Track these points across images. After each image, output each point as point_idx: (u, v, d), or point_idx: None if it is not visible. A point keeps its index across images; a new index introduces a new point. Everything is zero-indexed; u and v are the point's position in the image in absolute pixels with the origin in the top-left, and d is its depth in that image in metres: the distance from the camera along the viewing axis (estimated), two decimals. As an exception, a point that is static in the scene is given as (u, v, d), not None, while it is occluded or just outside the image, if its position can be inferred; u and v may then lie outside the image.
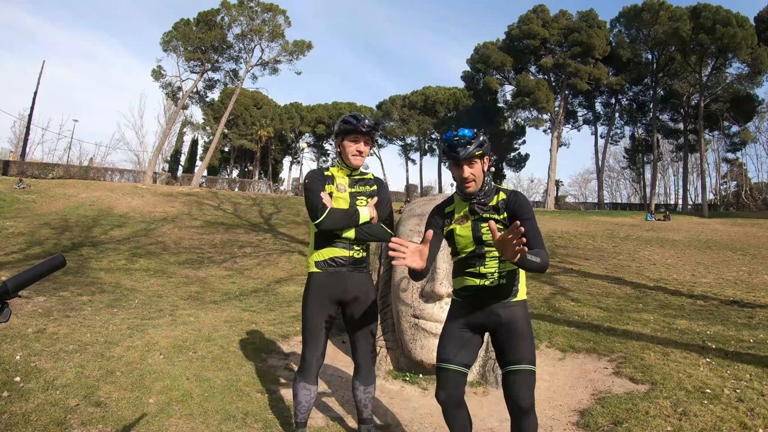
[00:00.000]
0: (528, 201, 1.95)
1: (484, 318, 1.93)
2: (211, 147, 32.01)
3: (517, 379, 1.81)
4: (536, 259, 1.74)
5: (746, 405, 2.78)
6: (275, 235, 14.72)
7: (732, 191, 39.95)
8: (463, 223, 1.95)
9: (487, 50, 37.31)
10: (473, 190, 1.91)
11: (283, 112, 44.91)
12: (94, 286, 6.57)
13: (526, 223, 1.82)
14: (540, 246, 1.82)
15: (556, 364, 3.93)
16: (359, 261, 2.32)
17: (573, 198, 51.47)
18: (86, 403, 2.47)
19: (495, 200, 1.93)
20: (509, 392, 1.83)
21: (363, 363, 2.36)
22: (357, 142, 2.29)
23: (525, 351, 1.84)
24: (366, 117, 2.30)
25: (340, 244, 2.27)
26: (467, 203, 1.96)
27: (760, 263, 11.85)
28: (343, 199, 2.30)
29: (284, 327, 4.65)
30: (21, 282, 1.06)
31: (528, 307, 1.98)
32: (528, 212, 1.89)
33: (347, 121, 2.28)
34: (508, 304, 1.90)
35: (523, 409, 1.79)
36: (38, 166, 29.04)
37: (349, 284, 2.28)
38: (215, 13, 30.50)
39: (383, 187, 2.45)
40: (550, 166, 36.96)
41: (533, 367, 1.84)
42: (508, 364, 1.85)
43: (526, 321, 1.90)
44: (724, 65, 31.58)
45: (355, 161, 2.31)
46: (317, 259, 2.29)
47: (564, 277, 9.10)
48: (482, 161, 1.92)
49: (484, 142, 1.91)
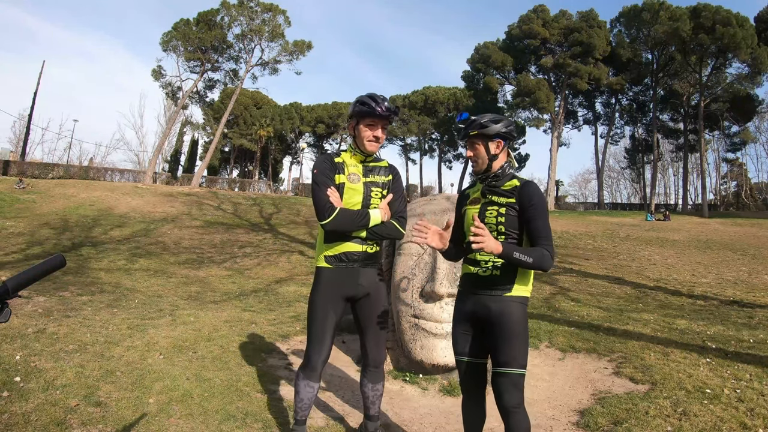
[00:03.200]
0: (539, 192, 1.87)
1: (473, 307, 1.90)
2: (211, 147, 32.01)
3: (505, 382, 1.79)
4: (526, 259, 1.70)
5: (746, 405, 2.78)
6: (275, 235, 14.72)
7: (732, 191, 39.94)
8: (475, 205, 1.97)
9: (487, 50, 37.31)
10: (476, 169, 1.97)
11: (283, 112, 44.90)
12: (94, 286, 6.57)
13: (531, 216, 1.82)
14: (544, 243, 1.78)
15: (556, 364, 3.93)
16: (372, 256, 2.18)
17: (573, 198, 51.53)
18: (86, 403, 2.47)
19: (509, 185, 1.91)
20: (496, 394, 1.81)
21: (372, 362, 2.27)
22: (374, 127, 2.11)
23: (515, 353, 1.79)
24: (385, 99, 2.10)
25: (354, 238, 2.11)
26: (481, 185, 1.98)
27: (760, 263, 11.85)
28: (356, 190, 2.13)
29: (284, 327, 4.65)
30: (21, 282, 1.06)
31: (528, 307, 1.95)
32: (535, 205, 1.83)
33: (364, 102, 2.08)
34: (501, 299, 1.84)
35: (509, 410, 1.77)
36: (38, 166, 29.02)
37: (362, 279, 2.15)
38: (215, 13, 30.49)
39: (398, 178, 2.27)
40: (550, 166, 36.97)
41: (522, 371, 1.80)
42: (497, 365, 1.82)
43: (521, 320, 1.83)
44: (724, 65, 31.59)
45: (371, 148, 2.14)
46: (328, 253, 2.13)
47: (564, 277, 9.10)
48: (485, 142, 1.92)
49: (485, 125, 1.90)
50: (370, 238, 2.14)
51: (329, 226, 2.04)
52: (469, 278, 1.95)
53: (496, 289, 1.86)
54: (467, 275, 1.97)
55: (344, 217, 2.05)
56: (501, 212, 1.87)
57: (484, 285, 1.88)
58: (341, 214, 2.04)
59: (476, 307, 1.90)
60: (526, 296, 1.89)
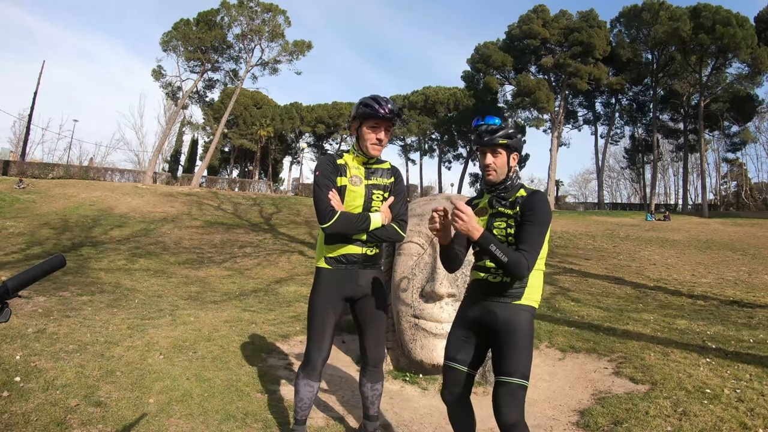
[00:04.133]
0: (544, 202, 1.87)
1: (481, 314, 1.88)
2: (211, 147, 32.02)
3: (504, 392, 1.75)
4: (501, 256, 1.70)
5: (746, 405, 2.78)
6: (275, 235, 14.72)
7: (732, 191, 39.93)
8: (482, 215, 1.95)
9: (487, 50, 37.31)
10: (493, 179, 1.92)
11: (283, 112, 44.88)
12: (94, 286, 6.57)
13: (526, 220, 1.81)
14: (525, 250, 1.75)
15: (556, 364, 3.93)
16: (371, 258, 2.20)
17: (573, 198, 51.47)
18: (86, 403, 2.47)
19: (514, 196, 1.90)
20: (494, 405, 1.77)
21: (371, 361, 2.27)
22: (377, 129, 2.10)
23: (519, 363, 1.76)
24: (389, 101, 2.10)
25: (354, 241, 2.13)
26: (488, 196, 1.96)
27: (760, 263, 11.85)
28: (358, 193, 2.13)
29: (284, 327, 4.65)
30: (21, 282, 1.06)
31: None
32: (535, 211, 1.82)
33: (367, 104, 2.07)
34: (509, 306, 1.82)
35: (506, 426, 1.73)
36: (38, 166, 29.01)
37: (361, 280, 2.17)
38: (215, 13, 30.49)
39: (400, 180, 2.27)
40: (550, 166, 36.96)
41: (525, 382, 1.75)
42: (499, 374, 1.78)
43: (527, 330, 1.81)
44: (724, 65, 31.58)
45: (374, 151, 2.13)
46: (328, 255, 2.15)
47: (564, 277, 9.10)
48: (508, 154, 1.91)
49: (513, 135, 1.90)
50: (370, 241, 2.15)
51: (330, 230, 2.05)
52: (479, 285, 1.93)
53: (505, 296, 1.84)
54: (476, 281, 1.95)
55: (345, 220, 2.05)
56: (510, 224, 1.85)
57: (494, 292, 1.86)
58: (342, 217, 2.05)
59: (483, 314, 1.88)
60: (535, 306, 1.87)
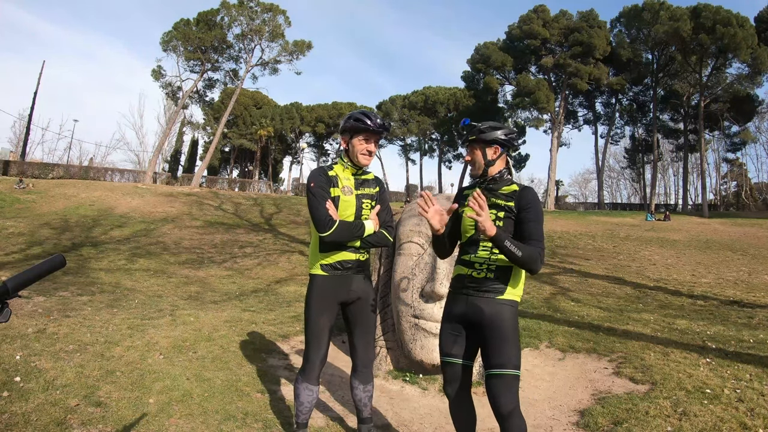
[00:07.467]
0: (536, 197, 1.96)
1: (466, 308, 1.92)
2: (211, 147, 32.00)
3: (499, 384, 1.80)
4: (516, 251, 1.75)
5: (746, 405, 2.78)
6: (276, 235, 14.72)
7: (732, 191, 39.93)
8: None
9: (487, 50, 37.28)
10: (473, 173, 2.06)
11: (283, 112, 44.88)
12: (94, 286, 6.57)
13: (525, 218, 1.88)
14: (536, 245, 1.82)
15: (556, 364, 3.93)
16: (363, 263, 2.33)
17: (573, 198, 51.43)
18: (86, 403, 2.47)
19: (508, 190, 1.97)
20: (491, 397, 1.82)
21: (361, 362, 2.36)
22: (368, 141, 2.25)
23: (509, 354, 1.81)
24: (377, 116, 2.27)
25: (348, 248, 2.26)
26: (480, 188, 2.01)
27: (760, 263, 11.85)
28: (350, 203, 2.27)
29: (284, 327, 4.65)
30: (21, 282, 1.06)
31: (528, 307, 1.96)
32: (531, 208, 1.90)
33: (358, 119, 2.22)
34: (493, 301, 1.88)
35: (504, 414, 1.78)
36: (38, 166, 29.01)
37: (353, 285, 2.29)
38: (215, 13, 30.47)
39: (384, 190, 2.44)
40: (550, 166, 36.93)
41: (517, 372, 1.82)
42: (491, 367, 1.83)
43: (513, 323, 1.87)
44: (724, 65, 31.54)
45: (364, 161, 2.28)
46: (324, 261, 2.26)
47: (564, 277, 9.11)
48: (483, 148, 1.99)
49: (482, 131, 1.98)
50: (362, 247, 2.30)
51: (330, 238, 2.17)
52: (462, 279, 1.97)
53: (489, 292, 1.89)
54: (460, 276, 1.99)
55: (343, 229, 2.19)
56: (499, 216, 1.91)
57: (479, 287, 1.91)
58: (340, 226, 2.18)
59: (468, 309, 1.92)
60: (517, 300, 1.93)
